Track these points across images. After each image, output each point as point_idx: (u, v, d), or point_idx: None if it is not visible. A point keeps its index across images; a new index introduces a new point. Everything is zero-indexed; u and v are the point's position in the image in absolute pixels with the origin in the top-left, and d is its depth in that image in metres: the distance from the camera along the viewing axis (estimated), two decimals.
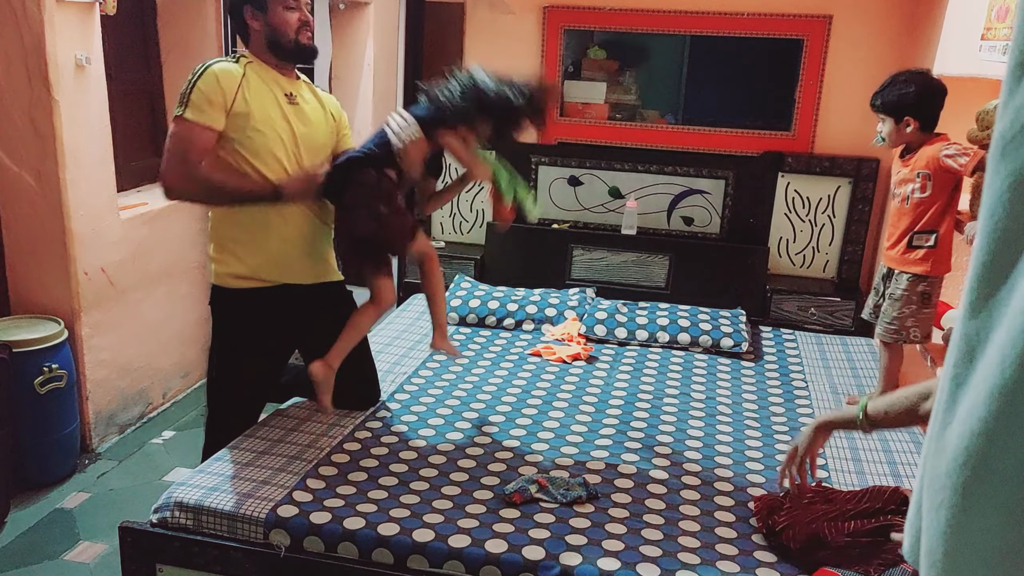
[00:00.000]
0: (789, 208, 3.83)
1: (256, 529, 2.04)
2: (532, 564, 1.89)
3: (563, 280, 3.90)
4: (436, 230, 4.18)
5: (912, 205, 2.70)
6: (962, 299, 0.60)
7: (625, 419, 2.71)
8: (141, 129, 3.96)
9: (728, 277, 3.78)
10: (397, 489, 2.19)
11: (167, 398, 3.92)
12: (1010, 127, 0.57)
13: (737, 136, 3.86)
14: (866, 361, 3.29)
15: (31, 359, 3.00)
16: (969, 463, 0.56)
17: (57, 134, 3.05)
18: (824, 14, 3.64)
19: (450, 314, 3.54)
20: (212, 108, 2.27)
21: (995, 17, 2.41)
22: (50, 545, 2.82)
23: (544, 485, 2.18)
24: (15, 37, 2.97)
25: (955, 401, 0.59)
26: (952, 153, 2.56)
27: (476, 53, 4.00)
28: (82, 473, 3.28)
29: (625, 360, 3.23)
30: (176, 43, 4.01)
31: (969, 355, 0.58)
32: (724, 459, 2.48)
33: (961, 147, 2.57)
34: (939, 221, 2.67)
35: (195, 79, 2.28)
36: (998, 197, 0.57)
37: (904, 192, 2.73)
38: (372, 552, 1.97)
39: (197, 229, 3.98)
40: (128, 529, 2.10)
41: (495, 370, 3.07)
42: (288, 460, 2.31)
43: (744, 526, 2.11)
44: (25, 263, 3.23)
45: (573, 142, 3.99)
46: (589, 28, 3.91)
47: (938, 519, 0.59)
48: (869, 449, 2.57)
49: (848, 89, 3.69)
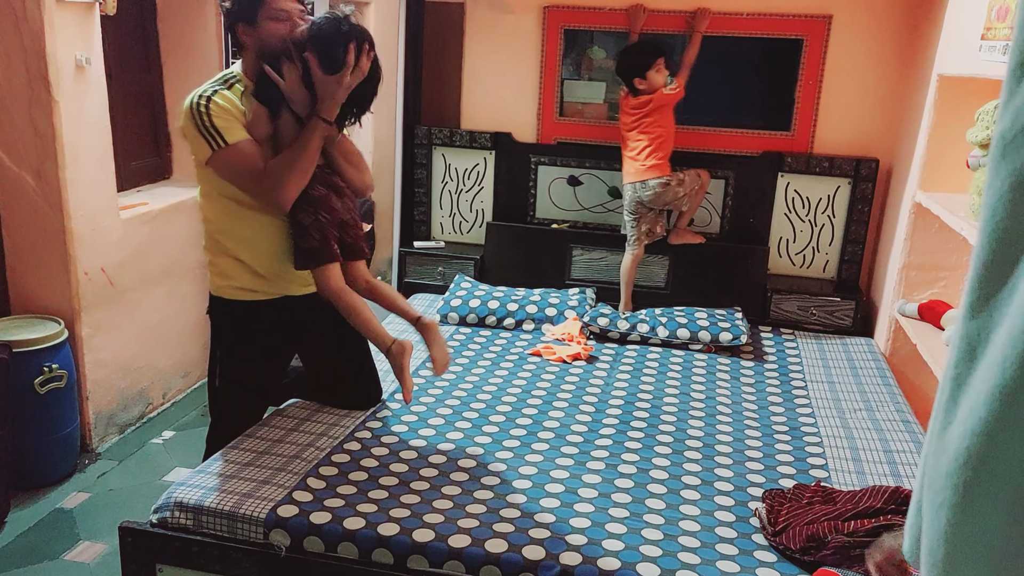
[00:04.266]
0: (789, 208, 3.83)
1: (256, 529, 2.04)
2: (532, 564, 1.89)
3: (563, 280, 3.90)
4: (436, 230, 4.18)
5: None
6: (962, 299, 0.60)
7: (625, 419, 2.71)
8: (141, 129, 3.96)
9: (728, 277, 3.78)
10: (397, 489, 2.19)
11: (167, 398, 3.92)
12: (1010, 127, 0.57)
13: (737, 136, 3.86)
14: (866, 361, 3.29)
15: (31, 359, 3.00)
16: (969, 463, 0.56)
17: (57, 134, 3.06)
18: (824, 14, 3.64)
19: (450, 314, 3.54)
20: (237, 123, 2.27)
21: (995, 17, 2.41)
22: (50, 545, 2.83)
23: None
24: (15, 37, 2.97)
25: (956, 401, 0.59)
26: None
27: (476, 53, 4.00)
28: (82, 473, 3.28)
29: (625, 360, 3.23)
30: (176, 43, 4.01)
31: (969, 355, 0.58)
32: (724, 459, 2.48)
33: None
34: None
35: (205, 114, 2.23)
36: (998, 197, 0.57)
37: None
38: (372, 552, 1.97)
39: (197, 229, 3.96)
40: (128, 529, 2.09)
41: (495, 370, 3.07)
42: (288, 460, 2.31)
43: (744, 526, 2.11)
44: (25, 263, 3.23)
45: (573, 142, 3.99)
46: (589, 28, 3.91)
47: (938, 519, 0.59)
48: (869, 449, 2.57)
49: (848, 89, 3.69)
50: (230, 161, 2.26)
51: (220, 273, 2.43)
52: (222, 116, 2.25)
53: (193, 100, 2.27)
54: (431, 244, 4.10)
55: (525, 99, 4.00)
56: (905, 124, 3.54)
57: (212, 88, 2.30)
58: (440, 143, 4.04)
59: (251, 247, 2.40)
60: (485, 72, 4.02)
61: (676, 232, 3.73)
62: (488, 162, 4.04)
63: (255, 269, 2.41)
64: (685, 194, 3.55)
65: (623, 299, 3.68)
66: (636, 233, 3.61)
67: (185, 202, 3.87)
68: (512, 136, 4.01)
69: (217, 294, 2.46)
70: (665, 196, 3.51)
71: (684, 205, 3.61)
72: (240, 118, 2.29)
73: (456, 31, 4.01)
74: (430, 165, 4.08)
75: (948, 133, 3.01)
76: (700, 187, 3.63)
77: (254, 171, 2.27)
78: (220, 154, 2.25)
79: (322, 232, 2.36)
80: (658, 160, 3.49)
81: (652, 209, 3.56)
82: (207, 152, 2.25)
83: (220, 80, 2.36)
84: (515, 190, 4.05)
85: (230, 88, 2.33)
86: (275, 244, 2.41)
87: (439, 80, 4.08)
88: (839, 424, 2.75)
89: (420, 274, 4.01)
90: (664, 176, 3.48)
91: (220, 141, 2.24)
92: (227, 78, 2.37)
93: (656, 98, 3.46)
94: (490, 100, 4.04)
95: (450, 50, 4.03)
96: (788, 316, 3.72)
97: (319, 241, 2.36)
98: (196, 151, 2.29)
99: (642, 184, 3.51)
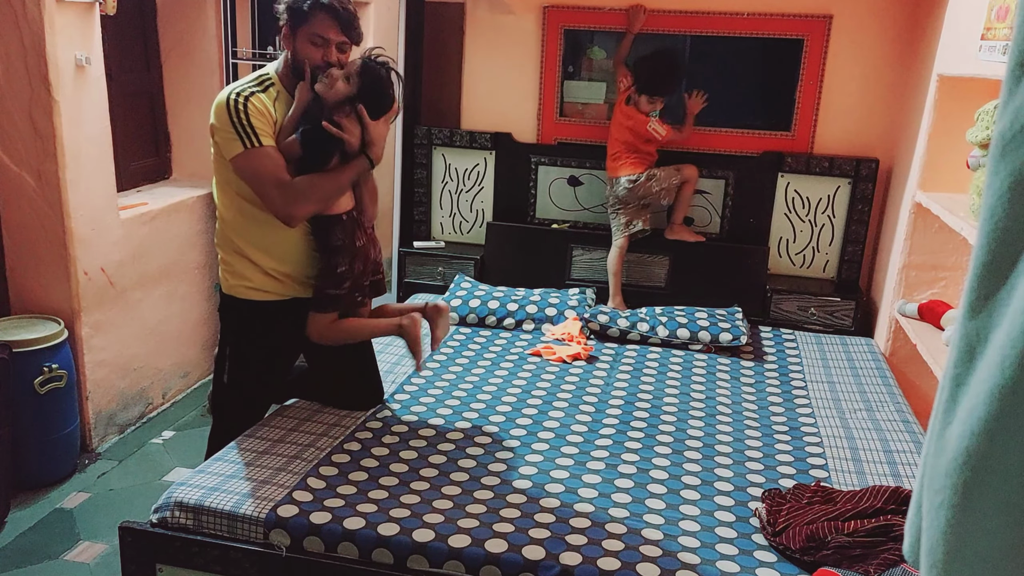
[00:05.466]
0: (789, 208, 3.83)
1: (256, 529, 2.04)
2: (532, 564, 1.89)
3: (563, 280, 3.90)
4: (436, 230, 4.18)
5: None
6: (962, 299, 0.60)
7: (625, 419, 2.71)
8: (141, 129, 3.96)
9: (728, 277, 3.78)
10: (397, 489, 2.19)
11: (167, 398, 3.92)
12: (1010, 127, 0.57)
13: (737, 136, 3.86)
14: (866, 361, 3.29)
15: (31, 359, 3.00)
16: (969, 463, 0.56)
17: (57, 134, 3.06)
18: (824, 14, 3.64)
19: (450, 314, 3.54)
20: (270, 129, 2.29)
21: (995, 17, 2.41)
22: (50, 545, 2.83)
23: None
24: (15, 37, 2.97)
25: (955, 401, 0.59)
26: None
27: (476, 53, 4.00)
28: (82, 473, 3.28)
29: (625, 360, 3.23)
30: (176, 43, 4.01)
31: (969, 355, 0.58)
32: (724, 459, 2.48)
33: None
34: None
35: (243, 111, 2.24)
36: (998, 197, 0.57)
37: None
38: (372, 552, 1.97)
39: (197, 229, 3.98)
40: (128, 529, 2.10)
41: (495, 370, 3.07)
42: (288, 460, 2.31)
43: (744, 526, 2.11)
44: (25, 263, 3.23)
45: (573, 142, 3.99)
46: (589, 28, 3.91)
47: (938, 519, 0.59)
48: (869, 449, 2.57)
49: (848, 89, 3.69)
50: (258, 163, 2.26)
51: (233, 272, 2.43)
52: (259, 118, 2.26)
53: (231, 96, 2.26)
54: (431, 244, 4.10)
55: (525, 99, 4.00)
56: (905, 124, 3.54)
57: (250, 89, 2.30)
58: (440, 143, 4.04)
59: (265, 251, 2.40)
60: (485, 72, 4.02)
61: (671, 228, 3.76)
62: (488, 162, 4.04)
63: (268, 271, 2.42)
64: (661, 189, 3.62)
65: (611, 291, 3.71)
66: (618, 225, 3.68)
67: (185, 202, 3.87)
68: (512, 136, 4.01)
69: (229, 292, 2.46)
70: (637, 192, 3.59)
71: (663, 199, 3.67)
72: (272, 125, 2.30)
73: (456, 31, 4.01)
74: (430, 165, 4.08)
75: (948, 133, 3.01)
76: (685, 182, 3.67)
77: (277, 178, 2.27)
78: (250, 153, 2.25)
79: (352, 283, 2.44)
80: (631, 160, 3.58)
81: (630, 203, 3.61)
82: (237, 149, 2.25)
83: (256, 81, 2.35)
84: (515, 190, 4.05)
85: (265, 91, 2.33)
86: (290, 249, 2.42)
87: (439, 80, 4.08)
88: (839, 424, 2.75)
89: (420, 274, 4.01)
90: (634, 173, 3.56)
91: (254, 140, 2.24)
92: (262, 79, 2.36)
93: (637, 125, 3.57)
94: (490, 100, 4.04)
95: (450, 50, 4.03)
96: (788, 316, 3.72)
97: (345, 291, 2.44)
98: (224, 147, 2.28)
99: (615, 180, 3.62)
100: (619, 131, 3.63)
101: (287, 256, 2.42)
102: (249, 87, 2.31)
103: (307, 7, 2.27)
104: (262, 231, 2.38)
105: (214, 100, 2.31)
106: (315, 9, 2.27)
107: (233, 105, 2.25)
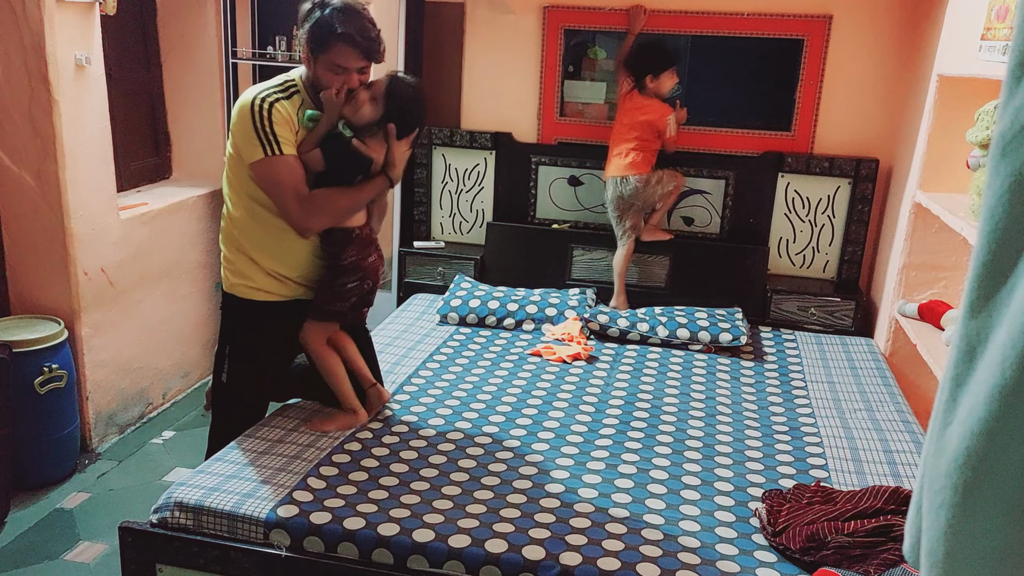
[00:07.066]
0: (789, 208, 3.83)
1: (256, 529, 2.04)
2: (532, 564, 1.89)
3: (563, 280, 3.90)
4: (436, 230, 4.18)
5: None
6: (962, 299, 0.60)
7: (625, 419, 2.71)
8: (141, 129, 3.96)
9: (728, 277, 3.78)
10: (397, 489, 2.19)
11: (167, 398, 3.92)
12: (1010, 127, 0.57)
13: (737, 136, 3.86)
14: (866, 361, 3.29)
15: (31, 359, 3.00)
16: (969, 463, 0.56)
17: (57, 134, 3.06)
18: (824, 14, 3.64)
19: (450, 314, 3.54)
20: (292, 137, 2.29)
21: (995, 17, 2.41)
22: (50, 545, 2.83)
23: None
24: (15, 37, 2.97)
25: (955, 401, 0.59)
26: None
27: (476, 53, 4.00)
28: (82, 473, 3.28)
29: (625, 360, 3.23)
30: (176, 43, 4.01)
31: (969, 355, 0.58)
32: (724, 459, 2.48)
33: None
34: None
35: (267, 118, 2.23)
36: (998, 197, 0.57)
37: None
38: (372, 552, 1.97)
39: (197, 229, 3.98)
40: (128, 529, 2.10)
41: (495, 370, 3.07)
42: (288, 460, 2.31)
43: (744, 526, 2.11)
44: (25, 263, 3.23)
45: (573, 142, 3.99)
46: (589, 28, 3.91)
47: (938, 519, 0.59)
48: (869, 449, 2.57)
49: (848, 89, 3.69)
50: (278, 172, 2.26)
51: (236, 271, 2.43)
52: (282, 126, 2.25)
53: (255, 101, 2.25)
54: (431, 244, 4.10)
55: (525, 99, 4.00)
56: (905, 124, 3.54)
57: (274, 95, 2.29)
58: (440, 143, 4.04)
59: (269, 252, 2.40)
60: (485, 72, 4.02)
61: (647, 229, 3.76)
62: (488, 162, 4.04)
63: (271, 272, 2.42)
64: (665, 192, 3.64)
65: (616, 291, 3.70)
66: (624, 228, 3.66)
67: (185, 202, 3.87)
68: (512, 136, 4.01)
69: (230, 291, 2.46)
70: (644, 193, 3.58)
71: (659, 203, 3.68)
72: (294, 134, 2.30)
73: (456, 31, 4.01)
74: (430, 165, 4.08)
75: (948, 133, 3.01)
76: (675, 188, 3.69)
77: (296, 188, 2.27)
78: (271, 160, 2.24)
79: (358, 299, 2.45)
80: (640, 159, 3.56)
81: (634, 205, 3.60)
82: (257, 155, 2.24)
83: (281, 87, 2.34)
84: (515, 190, 4.05)
85: (289, 98, 2.32)
86: (295, 255, 2.41)
87: (439, 80, 4.08)
88: (839, 424, 2.75)
89: (420, 274, 4.01)
90: (643, 174, 3.55)
91: (276, 148, 2.24)
92: (288, 86, 2.35)
93: (654, 118, 3.55)
94: (490, 100, 4.04)
95: (450, 50, 4.03)
96: (788, 316, 3.72)
97: (350, 307, 2.44)
98: (245, 151, 2.26)
99: (623, 180, 3.58)
100: (629, 128, 3.59)
101: (292, 261, 2.42)
102: (275, 93, 2.30)
103: (328, 37, 2.25)
104: (269, 235, 2.38)
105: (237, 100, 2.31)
106: (336, 40, 2.25)
107: (258, 110, 2.24)
